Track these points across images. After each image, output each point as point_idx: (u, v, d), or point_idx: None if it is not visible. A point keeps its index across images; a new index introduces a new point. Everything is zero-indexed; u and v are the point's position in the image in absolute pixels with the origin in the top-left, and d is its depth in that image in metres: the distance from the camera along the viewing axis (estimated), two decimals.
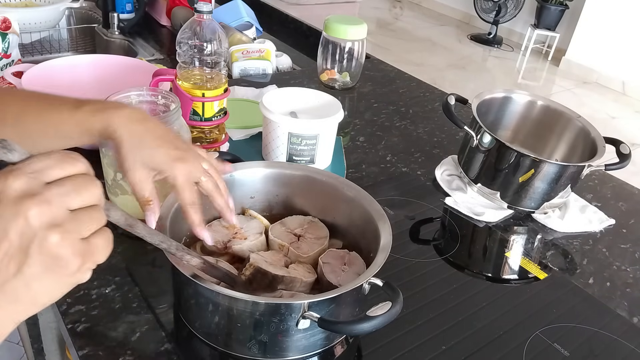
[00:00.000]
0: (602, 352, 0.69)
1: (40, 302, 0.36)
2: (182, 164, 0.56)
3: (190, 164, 0.57)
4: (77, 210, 0.36)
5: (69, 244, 0.35)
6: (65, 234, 0.35)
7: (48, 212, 0.34)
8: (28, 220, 0.34)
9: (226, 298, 0.55)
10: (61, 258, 0.35)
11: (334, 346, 0.63)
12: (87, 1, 1.74)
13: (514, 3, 4.74)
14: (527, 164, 0.88)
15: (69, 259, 0.35)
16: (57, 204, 0.35)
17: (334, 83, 1.34)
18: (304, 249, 0.69)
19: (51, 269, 0.35)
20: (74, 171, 0.37)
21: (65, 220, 0.35)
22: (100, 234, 0.38)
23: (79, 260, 0.36)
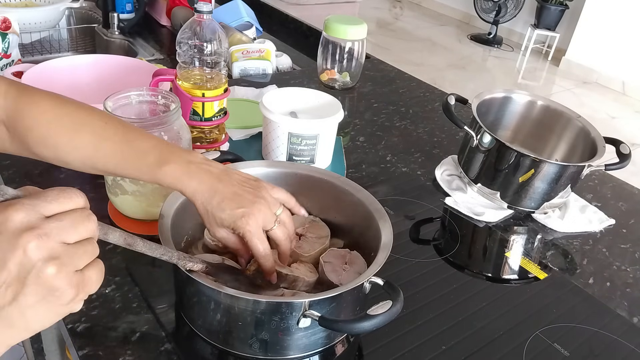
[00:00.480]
0: (602, 352, 0.69)
1: (33, 328, 0.38)
2: (249, 219, 0.59)
3: (256, 216, 0.59)
4: (73, 244, 0.38)
5: (65, 276, 0.37)
6: (61, 267, 0.36)
7: (46, 246, 0.36)
8: (27, 252, 0.35)
9: (228, 297, 0.55)
10: (56, 289, 0.36)
11: (334, 345, 0.63)
12: (87, 1, 1.74)
13: (514, 3, 4.74)
14: (527, 164, 0.88)
15: (64, 290, 0.37)
16: (55, 238, 0.36)
17: (334, 83, 1.34)
18: (306, 248, 0.69)
19: (46, 299, 0.36)
20: (72, 206, 0.38)
21: (62, 254, 0.37)
22: (94, 266, 0.39)
23: (74, 291, 0.37)
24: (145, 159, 0.59)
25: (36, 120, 0.59)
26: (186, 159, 0.60)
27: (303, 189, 0.74)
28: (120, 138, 0.60)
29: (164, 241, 0.58)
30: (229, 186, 0.60)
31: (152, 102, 0.78)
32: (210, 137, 0.90)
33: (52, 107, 0.60)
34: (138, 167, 0.60)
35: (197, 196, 0.59)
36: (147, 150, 0.60)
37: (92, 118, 0.61)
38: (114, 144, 0.60)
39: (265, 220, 0.60)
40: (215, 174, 0.60)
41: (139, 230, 0.77)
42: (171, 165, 0.59)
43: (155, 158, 0.59)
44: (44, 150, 0.60)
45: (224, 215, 0.59)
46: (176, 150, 0.61)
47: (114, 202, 0.79)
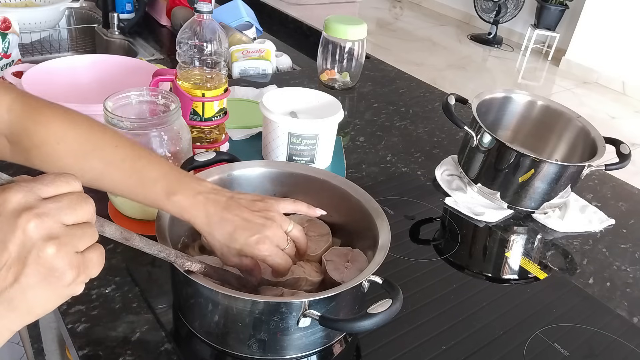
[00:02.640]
0: (602, 352, 0.69)
1: (35, 312, 0.38)
2: (261, 244, 0.59)
3: (269, 240, 0.60)
4: (72, 226, 0.37)
5: (65, 256, 0.36)
6: (61, 247, 0.36)
7: (45, 225, 0.36)
8: (26, 232, 0.35)
9: (226, 297, 0.55)
10: (57, 269, 0.36)
11: (333, 345, 0.63)
12: (87, 1, 1.74)
13: (514, 3, 4.74)
14: (527, 164, 0.88)
15: (65, 270, 0.36)
16: (53, 218, 0.36)
17: (334, 83, 1.34)
18: (312, 247, 0.69)
19: (47, 279, 0.36)
20: (68, 189, 0.38)
21: (61, 234, 0.36)
22: (94, 249, 0.39)
23: (74, 272, 0.37)
24: (153, 188, 0.59)
25: (43, 140, 0.58)
26: (194, 189, 0.60)
27: (299, 189, 0.74)
28: (129, 165, 0.60)
29: (161, 242, 0.57)
30: (238, 213, 0.60)
31: (152, 102, 0.78)
32: (210, 137, 0.90)
33: (61, 127, 0.59)
34: (145, 195, 0.60)
35: (206, 229, 0.59)
36: (155, 179, 0.59)
37: (103, 142, 0.60)
38: (122, 172, 0.60)
39: (279, 242, 0.60)
40: (223, 203, 0.60)
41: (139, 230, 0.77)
42: (178, 196, 0.59)
43: (163, 188, 0.59)
44: (48, 167, 0.59)
45: (237, 245, 0.59)
46: (184, 180, 0.61)
47: (114, 202, 0.79)
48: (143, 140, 0.72)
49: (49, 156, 0.59)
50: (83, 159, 0.59)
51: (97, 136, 0.60)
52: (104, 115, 0.71)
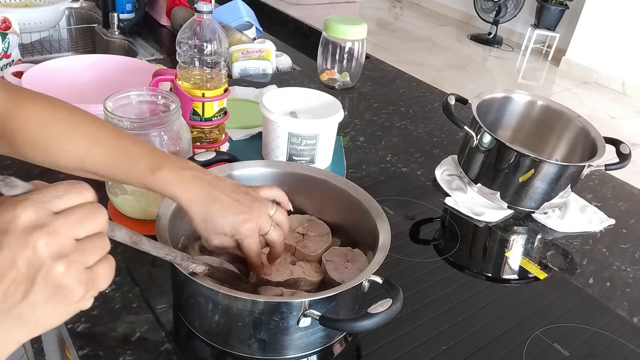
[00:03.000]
0: (602, 352, 0.69)
1: (43, 325, 0.38)
2: (248, 223, 0.59)
3: (255, 220, 0.60)
4: (83, 239, 0.37)
5: (74, 273, 0.36)
6: (70, 264, 0.36)
7: (55, 243, 0.36)
8: (36, 251, 0.35)
9: (226, 297, 0.55)
10: (66, 287, 0.36)
11: (333, 345, 0.63)
12: (87, 1, 1.74)
13: (514, 3, 4.74)
14: (527, 164, 0.88)
15: (74, 288, 0.37)
16: (64, 235, 0.36)
17: (334, 83, 1.34)
18: (312, 247, 0.69)
19: (55, 297, 0.36)
20: (81, 200, 0.38)
21: (71, 251, 0.36)
22: (104, 262, 0.39)
23: (83, 289, 0.37)
24: (137, 163, 0.59)
25: (26, 124, 0.58)
26: (180, 166, 0.59)
27: (299, 189, 0.74)
28: (112, 142, 0.60)
29: (161, 242, 0.57)
30: (227, 192, 0.60)
31: (152, 102, 0.78)
32: (210, 137, 0.90)
33: (44, 111, 0.59)
34: (129, 171, 0.59)
35: (192, 204, 0.58)
36: (139, 155, 0.59)
37: (85, 122, 0.60)
38: (105, 148, 0.59)
39: (263, 224, 0.61)
40: (209, 181, 0.60)
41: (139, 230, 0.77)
42: (164, 170, 0.58)
43: (147, 163, 0.58)
44: (33, 153, 0.59)
45: (224, 222, 0.58)
46: (169, 157, 0.61)
47: (114, 202, 0.79)
48: (143, 140, 0.72)
49: (33, 141, 0.59)
50: (67, 140, 0.59)
51: (78, 118, 0.61)
52: (104, 115, 0.71)
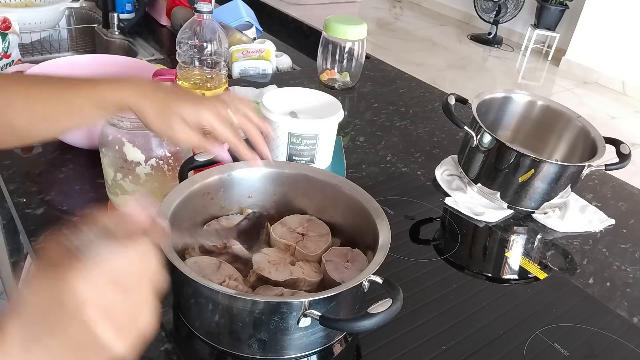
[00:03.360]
0: (602, 352, 0.69)
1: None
2: (208, 105, 0.60)
3: (213, 104, 0.61)
4: (133, 302, 0.37)
5: (124, 339, 0.36)
6: (124, 335, 0.36)
7: (109, 320, 0.35)
8: (89, 327, 0.34)
9: (226, 297, 0.55)
10: (113, 349, 0.36)
11: (333, 345, 0.63)
12: (87, 1, 1.74)
13: (514, 3, 4.74)
14: (527, 164, 0.88)
15: (119, 348, 0.36)
16: (118, 310, 0.36)
17: (334, 83, 1.34)
18: (311, 247, 0.69)
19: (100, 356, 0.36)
20: (145, 267, 0.38)
21: (128, 322, 0.37)
22: (147, 315, 0.39)
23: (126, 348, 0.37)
24: (81, 83, 0.59)
25: None
26: (125, 76, 0.60)
27: (299, 189, 0.74)
28: (54, 80, 0.61)
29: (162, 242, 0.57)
30: (172, 90, 0.60)
31: None
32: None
33: None
34: (76, 94, 0.59)
35: (144, 101, 0.58)
36: (81, 79, 0.60)
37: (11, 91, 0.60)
38: (47, 85, 0.60)
39: (220, 107, 0.61)
40: (156, 82, 0.61)
41: None
42: (110, 81, 0.59)
43: (91, 81, 0.59)
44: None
45: (182, 111, 0.58)
46: (113, 76, 0.61)
47: (114, 202, 0.79)
48: (143, 140, 0.72)
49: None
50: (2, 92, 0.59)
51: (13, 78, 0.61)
52: None
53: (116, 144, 0.72)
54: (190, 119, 0.59)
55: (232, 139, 0.63)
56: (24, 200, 0.82)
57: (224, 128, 0.61)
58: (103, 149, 0.74)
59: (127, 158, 0.72)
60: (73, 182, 0.87)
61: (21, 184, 0.86)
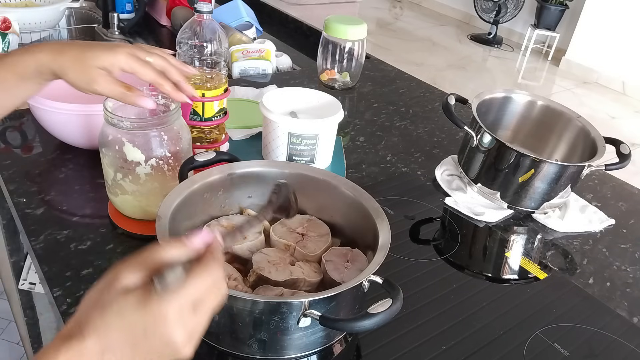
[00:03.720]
0: (602, 352, 0.69)
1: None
2: (126, 50, 0.62)
3: (133, 50, 0.63)
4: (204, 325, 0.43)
5: (194, 345, 0.42)
6: (196, 343, 0.42)
7: (191, 337, 0.41)
8: (175, 346, 0.40)
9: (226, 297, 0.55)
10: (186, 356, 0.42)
11: (333, 345, 0.63)
12: (87, 1, 1.74)
13: (514, 3, 4.74)
14: (527, 164, 0.88)
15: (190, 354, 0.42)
16: (199, 329, 0.42)
17: (334, 83, 1.34)
18: (311, 247, 0.69)
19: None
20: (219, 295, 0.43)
21: (201, 332, 0.43)
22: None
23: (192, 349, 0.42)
24: (2, 61, 0.61)
25: None
26: (37, 44, 0.62)
27: (302, 189, 0.74)
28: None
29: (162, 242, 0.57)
30: (82, 44, 0.62)
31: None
32: (210, 137, 0.90)
33: None
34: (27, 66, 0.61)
35: (62, 60, 0.60)
36: (1, 56, 0.62)
37: None
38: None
39: (136, 51, 0.63)
40: (71, 41, 0.63)
41: (139, 230, 0.77)
42: (24, 49, 0.61)
43: (9, 55, 0.61)
44: None
45: (98, 59, 0.60)
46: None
47: (114, 202, 0.79)
48: (143, 140, 0.72)
49: None
50: None
51: None
52: (104, 115, 0.71)
53: (116, 144, 0.72)
54: (110, 65, 0.61)
55: (154, 78, 0.64)
56: (24, 200, 0.82)
57: (145, 69, 0.63)
58: (103, 149, 0.74)
59: (127, 158, 0.72)
60: (73, 182, 0.87)
61: (21, 184, 0.86)
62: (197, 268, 0.42)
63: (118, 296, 0.40)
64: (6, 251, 1.22)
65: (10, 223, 1.14)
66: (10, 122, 1.03)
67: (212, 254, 0.44)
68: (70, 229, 0.77)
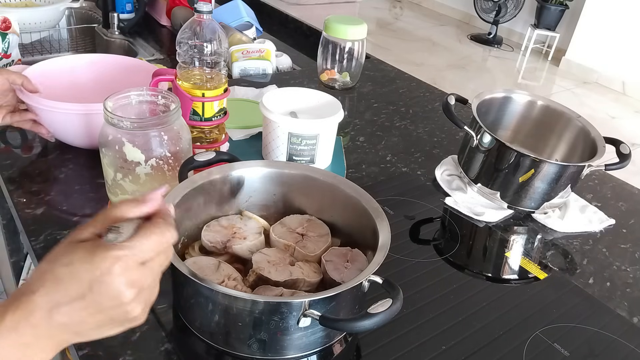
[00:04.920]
0: (602, 352, 0.69)
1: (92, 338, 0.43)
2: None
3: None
4: (156, 284, 0.45)
5: (145, 309, 0.44)
6: (146, 307, 0.44)
7: (139, 295, 0.42)
8: (122, 299, 0.41)
9: (226, 297, 0.55)
10: (136, 320, 0.43)
11: (333, 345, 0.63)
12: (87, 1, 1.74)
13: (514, 3, 4.74)
14: (527, 164, 0.88)
15: (141, 318, 0.44)
16: (146, 285, 0.43)
17: (334, 83, 1.34)
18: (311, 247, 0.69)
19: (123, 325, 0.43)
20: (164, 247, 0.45)
21: (150, 295, 0.44)
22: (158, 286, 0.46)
23: (145, 315, 0.44)
24: None
25: None
26: None
27: (299, 189, 0.74)
28: None
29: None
30: None
31: (152, 102, 0.78)
32: (210, 137, 0.90)
33: None
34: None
35: None
36: None
37: None
38: None
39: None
40: None
41: None
42: None
43: None
44: None
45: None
46: None
47: (114, 202, 0.79)
48: (143, 140, 0.72)
49: None
50: None
51: None
52: (104, 115, 0.71)
53: (116, 144, 0.72)
54: None
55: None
56: (24, 200, 0.82)
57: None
58: (103, 149, 0.74)
59: (127, 158, 0.72)
60: (73, 182, 0.87)
61: (21, 184, 0.86)
62: (146, 226, 0.43)
63: (68, 247, 0.41)
64: (6, 251, 1.22)
65: (10, 223, 1.14)
66: None
67: (162, 216, 0.45)
68: (70, 229, 0.77)
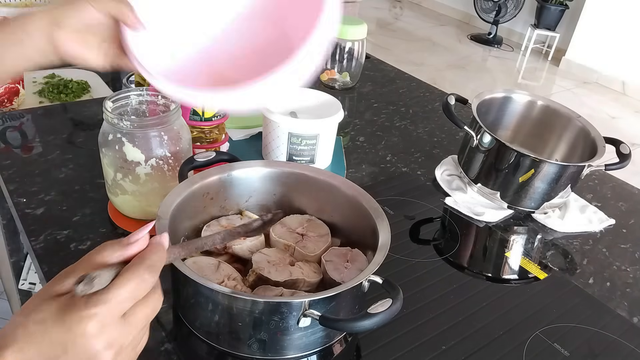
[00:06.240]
0: (602, 352, 0.69)
1: None
2: None
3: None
4: (140, 338, 0.41)
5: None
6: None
7: (122, 355, 0.39)
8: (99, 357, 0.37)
9: (226, 297, 0.55)
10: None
11: (333, 345, 0.63)
12: None
13: (514, 3, 4.74)
14: (527, 164, 0.88)
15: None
16: (131, 343, 0.39)
17: (334, 83, 1.34)
18: (311, 247, 0.69)
19: None
20: (144, 293, 0.40)
21: (133, 352, 0.40)
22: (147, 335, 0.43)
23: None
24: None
25: None
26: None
27: (299, 189, 0.74)
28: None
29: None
30: None
31: (152, 102, 0.78)
32: (210, 137, 0.90)
33: None
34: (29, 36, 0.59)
35: None
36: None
37: None
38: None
39: None
40: None
41: None
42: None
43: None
44: None
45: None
46: None
47: (114, 202, 0.79)
48: (143, 140, 0.72)
49: None
50: None
51: None
52: (104, 115, 0.71)
53: (116, 144, 0.72)
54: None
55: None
56: (24, 200, 0.82)
57: None
58: (103, 149, 0.74)
59: (127, 158, 0.72)
60: (73, 182, 0.87)
61: (21, 184, 0.86)
62: (122, 273, 0.38)
63: (43, 303, 0.37)
64: (6, 251, 1.22)
65: (10, 223, 1.14)
66: (10, 122, 1.03)
67: (142, 258, 0.40)
68: (70, 229, 0.77)
